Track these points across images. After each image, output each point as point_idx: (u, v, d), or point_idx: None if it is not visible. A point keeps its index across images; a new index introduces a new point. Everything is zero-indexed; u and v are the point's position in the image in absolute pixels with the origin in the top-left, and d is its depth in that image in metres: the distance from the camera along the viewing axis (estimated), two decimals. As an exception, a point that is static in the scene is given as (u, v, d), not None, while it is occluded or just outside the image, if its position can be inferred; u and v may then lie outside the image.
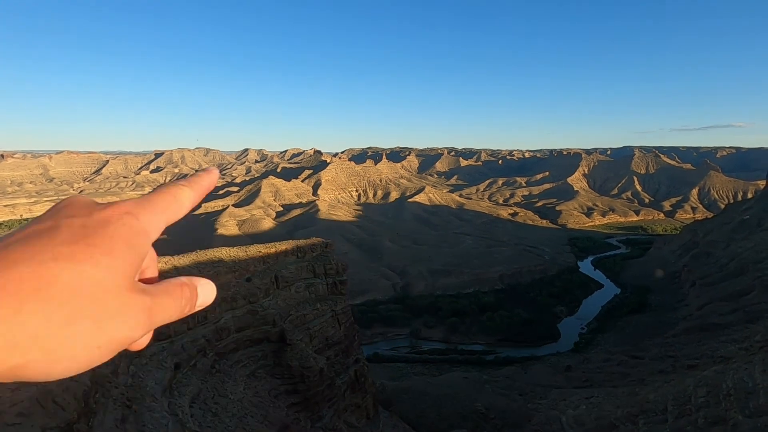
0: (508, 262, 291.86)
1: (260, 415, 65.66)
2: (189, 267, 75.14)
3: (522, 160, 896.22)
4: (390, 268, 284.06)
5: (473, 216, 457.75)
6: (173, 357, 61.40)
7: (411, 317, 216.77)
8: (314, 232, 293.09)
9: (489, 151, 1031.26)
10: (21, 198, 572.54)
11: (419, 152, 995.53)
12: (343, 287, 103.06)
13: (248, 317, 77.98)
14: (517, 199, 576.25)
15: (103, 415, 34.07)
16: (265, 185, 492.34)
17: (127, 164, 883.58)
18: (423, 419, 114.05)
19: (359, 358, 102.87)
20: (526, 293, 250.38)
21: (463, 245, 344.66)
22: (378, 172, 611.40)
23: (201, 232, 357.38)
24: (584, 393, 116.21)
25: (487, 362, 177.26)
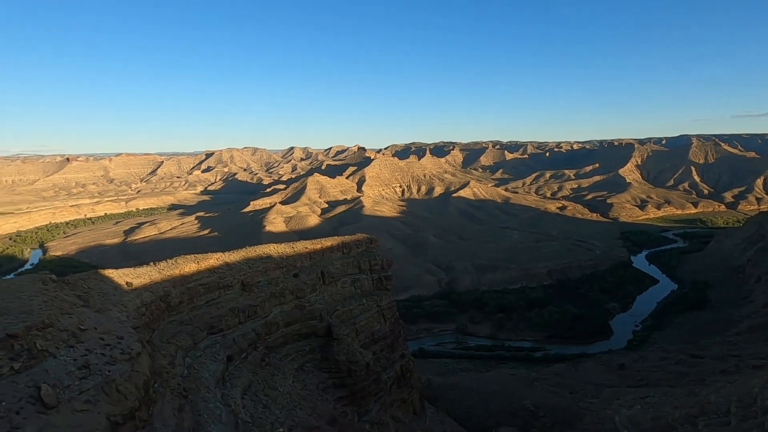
0: (556, 257, 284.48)
1: (309, 407, 67.04)
2: (239, 263, 77.49)
3: (570, 152, 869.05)
4: (435, 264, 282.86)
5: (520, 210, 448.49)
6: (226, 350, 63.55)
7: (456, 313, 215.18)
8: (359, 228, 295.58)
9: (535, 144, 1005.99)
10: (85, 198, 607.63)
11: (463, 146, 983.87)
12: (389, 283, 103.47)
13: (296, 312, 79.64)
14: (566, 193, 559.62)
15: (162, 403, 35.75)
16: (311, 182, 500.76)
17: (180, 165, 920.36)
18: (470, 415, 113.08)
19: (405, 353, 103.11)
20: (576, 289, 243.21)
21: (509, 240, 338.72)
22: (422, 167, 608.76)
23: (250, 229, 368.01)
24: (639, 392, 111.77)
25: (536, 359, 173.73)
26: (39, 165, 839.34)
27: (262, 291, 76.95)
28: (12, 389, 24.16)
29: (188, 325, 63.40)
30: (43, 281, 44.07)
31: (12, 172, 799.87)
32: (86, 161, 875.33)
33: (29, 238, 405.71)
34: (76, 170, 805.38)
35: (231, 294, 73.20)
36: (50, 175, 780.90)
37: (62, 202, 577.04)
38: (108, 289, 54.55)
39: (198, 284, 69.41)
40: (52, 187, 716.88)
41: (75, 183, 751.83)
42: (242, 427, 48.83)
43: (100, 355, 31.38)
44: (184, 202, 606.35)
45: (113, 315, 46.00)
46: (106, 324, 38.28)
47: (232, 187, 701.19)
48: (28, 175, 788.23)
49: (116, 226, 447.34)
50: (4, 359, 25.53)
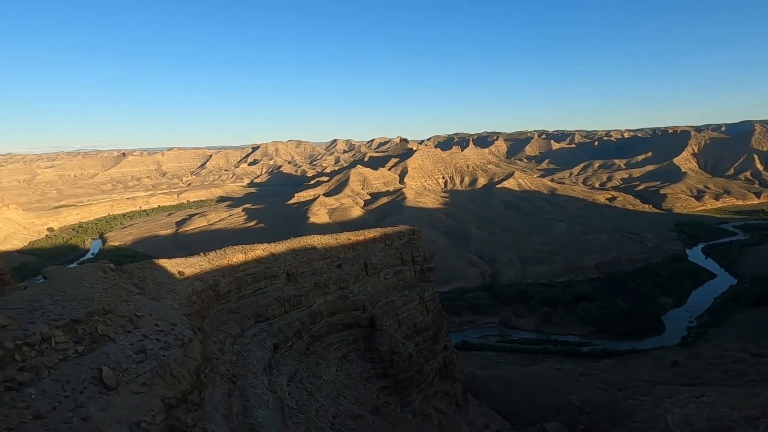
0: (605, 250, 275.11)
1: (352, 396, 68.10)
2: (284, 254, 79.27)
3: (621, 141, 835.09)
4: (478, 256, 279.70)
5: (566, 201, 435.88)
6: (272, 338, 65.36)
7: (500, 306, 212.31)
8: (401, 219, 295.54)
9: (583, 133, 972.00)
10: (140, 191, 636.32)
11: (507, 136, 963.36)
12: (431, 274, 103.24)
13: (339, 302, 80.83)
14: (616, 183, 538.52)
15: (212, 388, 37.24)
16: (354, 174, 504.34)
17: (227, 158, 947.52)
18: (514, 409, 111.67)
19: (447, 345, 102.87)
20: (626, 283, 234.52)
21: (555, 232, 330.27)
22: (465, 158, 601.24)
23: (294, 220, 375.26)
24: (694, 391, 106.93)
25: (583, 354, 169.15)
26: (98, 160, 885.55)
27: (306, 281, 78.50)
28: (77, 371, 25.76)
29: (236, 314, 65.57)
30: (103, 270, 46.63)
31: (74, 166, 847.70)
32: (141, 156, 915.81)
33: (90, 228, 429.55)
34: (131, 164, 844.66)
35: (277, 284, 75.08)
36: (108, 169, 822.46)
37: (119, 194, 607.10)
38: (162, 278, 57.12)
39: (245, 274, 71.57)
40: (110, 180, 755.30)
41: (131, 176, 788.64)
42: (288, 413, 50.19)
43: (155, 340, 32.94)
44: (231, 194, 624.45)
45: (167, 302, 48.14)
46: (160, 311, 40.12)
47: (278, 180, 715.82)
48: (89, 169, 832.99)
49: (168, 218, 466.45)
50: (69, 342, 27.23)
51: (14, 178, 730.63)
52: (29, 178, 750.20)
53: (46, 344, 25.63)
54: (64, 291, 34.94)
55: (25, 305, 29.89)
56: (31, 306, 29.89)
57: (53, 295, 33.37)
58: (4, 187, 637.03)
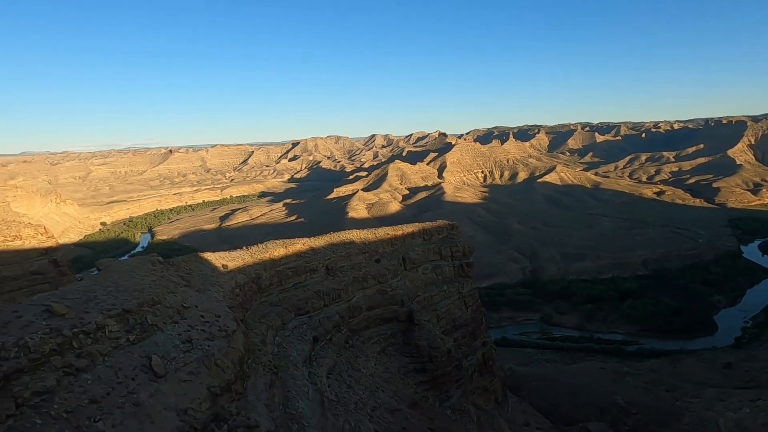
0: (652, 246, 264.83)
1: (391, 390, 68.46)
2: (324, 248, 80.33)
3: (669, 133, 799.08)
4: (518, 251, 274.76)
5: (611, 196, 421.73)
6: (312, 331, 66.46)
7: (541, 302, 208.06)
8: (440, 214, 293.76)
9: (630, 124, 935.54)
10: (185, 187, 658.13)
11: (549, 129, 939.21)
12: (470, 270, 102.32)
13: (378, 296, 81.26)
14: (664, 176, 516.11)
15: (255, 378, 38.24)
16: (392, 169, 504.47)
17: (269, 154, 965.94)
18: (555, 408, 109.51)
19: (487, 341, 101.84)
20: (675, 280, 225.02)
21: (599, 227, 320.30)
22: (505, 152, 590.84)
23: (333, 215, 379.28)
24: (748, 395, 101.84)
25: (628, 353, 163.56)
26: (146, 157, 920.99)
27: (345, 275, 79.31)
28: (128, 358, 27.01)
29: (277, 306, 67.00)
30: (152, 262, 48.59)
31: (125, 163, 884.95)
32: (186, 153, 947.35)
33: (139, 223, 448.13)
34: (177, 161, 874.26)
35: (316, 278, 76.21)
36: (156, 165, 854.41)
37: (166, 190, 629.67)
38: (207, 271, 59.00)
39: (286, 268, 72.99)
40: (158, 176, 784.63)
41: (177, 173, 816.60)
42: (327, 405, 50.98)
43: (200, 331, 34.11)
44: (272, 189, 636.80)
45: (211, 294, 49.70)
46: (205, 303, 41.48)
47: (317, 175, 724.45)
48: (138, 166, 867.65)
49: (212, 213, 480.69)
50: (121, 331, 28.56)
51: (70, 175, 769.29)
52: (84, 175, 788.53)
53: (100, 332, 26.97)
54: (116, 282, 36.66)
55: (81, 295, 31.54)
56: (87, 296, 31.51)
57: (106, 286, 35.06)
58: (61, 183, 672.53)
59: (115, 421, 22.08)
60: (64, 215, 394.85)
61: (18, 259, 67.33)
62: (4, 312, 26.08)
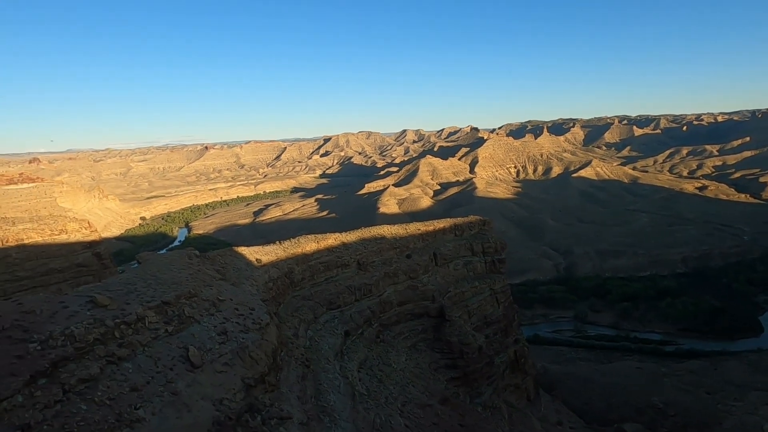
0: (693, 243, 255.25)
1: (421, 385, 68.49)
2: (355, 243, 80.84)
3: (713, 125, 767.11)
4: (552, 248, 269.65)
5: (649, 191, 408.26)
6: (343, 325, 67.11)
7: (575, 300, 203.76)
8: (471, 210, 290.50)
9: (670, 117, 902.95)
10: (220, 183, 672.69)
11: (585, 123, 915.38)
12: (502, 266, 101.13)
13: (409, 292, 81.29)
14: (707, 171, 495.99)
15: (287, 371, 38.94)
16: (423, 164, 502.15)
17: (301, 150, 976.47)
18: (589, 407, 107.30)
19: (519, 338, 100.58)
20: (717, 279, 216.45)
21: (636, 223, 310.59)
22: (538, 146, 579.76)
23: (365, 210, 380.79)
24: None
25: (666, 354, 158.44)
26: (183, 153, 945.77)
27: (376, 270, 79.63)
28: (167, 349, 27.93)
29: (309, 301, 67.91)
30: (189, 256, 49.99)
31: (163, 160, 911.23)
32: (221, 149, 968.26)
33: (177, 218, 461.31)
34: (213, 157, 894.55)
35: (348, 272, 76.80)
36: (192, 162, 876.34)
37: (202, 186, 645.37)
38: (241, 265, 60.28)
39: (318, 262, 73.83)
40: (194, 172, 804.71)
41: (212, 169, 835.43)
42: (358, 399, 51.41)
43: (235, 323, 34.94)
44: (304, 185, 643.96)
45: (246, 288, 50.79)
46: (239, 296, 42.43)
47: (348, 170, 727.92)
48: (175, 162, 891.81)
49: (247, 208, 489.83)
50: (160, 323, 29.54)
51: (112, 172, 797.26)
52: (125, 171, 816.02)
53: (140, 323, 27.97)
54: (155, 275, 37.91)
55: (122, 287, 32.76)
56: (128, 288, 32.71)
57: (146, 278, 36.30)
58: (104, 179, 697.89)
59: (154, 408, 22.90)
60: (106, 210, 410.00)
61: (64, 251, 70.50)
62: (52, 302, 27.35)
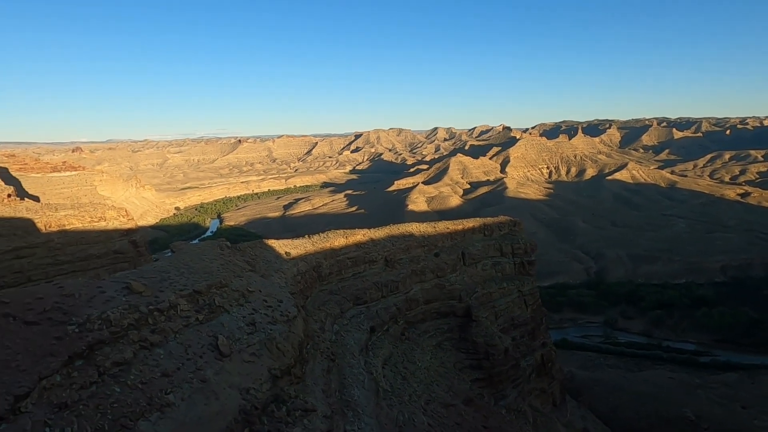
0: (734, 251, 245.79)
1: (445, 384, 68.14)
2: (383, 240, 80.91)
3: (759, 129, 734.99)
4: (583, 251, 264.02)
5: (688, 196, 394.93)
6: (369, 321, 67.29)
7: (606, 305, 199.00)
8: (501, 210, 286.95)
9: (712, 120, 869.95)
10: (252, 176, 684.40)
11: (622, 124, 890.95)
12: (531, 268, 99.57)
13: (435, 290, 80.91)
14: (750, 177, 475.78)
15: (313, 364, 39.30)
16: (453, 163, 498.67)
17: (332, 145, 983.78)
18: (617, 415, 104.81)
19: (546, 342, 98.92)
20: (757, 289, 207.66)
21: (673, 229, 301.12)
22: (572, 147, 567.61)
23: (393, 207, 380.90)
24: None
25: (700, 364, 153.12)
26: (217, 146, 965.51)
27: (404, 268, 79.53)
28: (197, 337, 28.54)
29: (336, 295, 68.36)
30: (221, 247, 50.96)
31: (197, 152, 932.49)
32: (254, 143, 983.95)
33: (210, 209, 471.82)
34: (246, 151, 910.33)
35: (375, 269, 76.96)
36: (226, 155, 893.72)
37: (235, 178, 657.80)
38: (270, 257, 61.12)
39: (346, 257, 74.21)
40: (227, 165, 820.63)
41: (245, 162, 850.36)
42: (382, 395, 51.50)
43: (263, 314, 35.44)
44: (334, 180, 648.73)
45: (274, 280, 51.46)
46: (268, 288, 43.01)
47: (378, 167, 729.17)
48: (209, 155, 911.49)
49: (277, 201, 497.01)
50: (191, 311, 30.20)
51: (149, 162, 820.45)
52: (161, 162, 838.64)
53: (173, 311, 28.67)
54: (188, 264, 38.77)
55: (156, 275, 33.63)
56: (161, 276, 33.56)
57: (179, 267, 37.17)
58: (141, 169, 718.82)
59: (183, 394, 23.44)
60: (142, 199, 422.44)
61: (102, 238, 72.90)
62: (90, 287, 28.29)
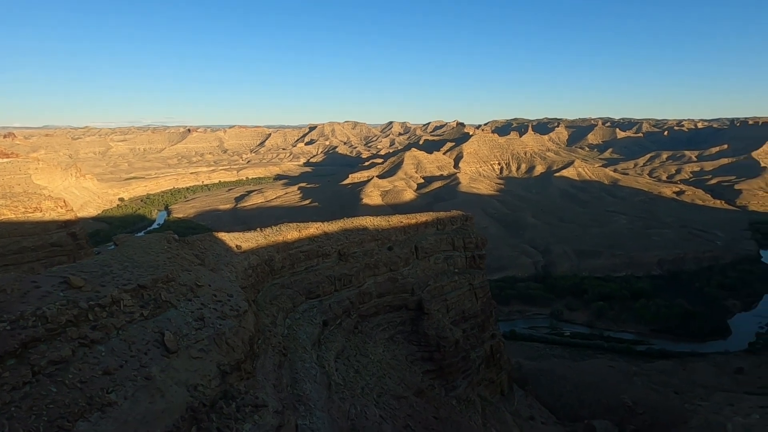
0: (669, 246, 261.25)
1: (397, 377, 68.92)
2: (337, 233, 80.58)
3: (693, 132, 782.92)
4: (531, 246, 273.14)
5: (629, 193, 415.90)
6: (322, 315, 67.01)
7: (552, 297, 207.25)
8: (454, 204, 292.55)
9: (652, 122, 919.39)
10: (202, 167, 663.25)
11: (569, 123, 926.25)
12: (482, 261, 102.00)
13: (388, 284, 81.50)
14: (685, 176, 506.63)
15: (264, 359, 38.71)
16: (408, 157, 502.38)
17: (285, 137, 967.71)
18: (561, 403, 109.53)
19: (495, 333, 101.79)
20: (690, 282, 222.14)
21: (615, 225, 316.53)
22: (522, 144, 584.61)
23: (347, 200, 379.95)
24: (759, 401, 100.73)
25: (638, 353, 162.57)
26: (165, 135, 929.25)
27: (357, 261, 79.58)
28: (142, 333, 27.48)
29: (289, 289, 67.58)
30: (168, 240, 49.16)
31: (144, 141, 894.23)
32: (204, 132, 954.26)
33: (156, 200, 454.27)
34: (195, 140, 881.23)
35: (328, 262, 76.59)
36: (174, 144, 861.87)
37: (184, 169, 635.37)
38: (220, 251, 59.58)
39: (299, 251, 73.43)
40: (176, 155, 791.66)
41: (194, 152, 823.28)
42: (334, 389, 51.51)
43: (213, 309, 34.54)
44: (288, 172, 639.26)
45: (224, 274, 50.25)
46: (218, 282, 41.95)
47: (333, 160, 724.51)
48: (157, 144, 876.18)
49: (228, 193, 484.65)
50: (135, 306, 29.03)
51: (90, 150, 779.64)
52: (104, 150, 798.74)
53: (115, 306, 27.45)
54: (132, 258, 37.21)
55: (98, 269, 32.09)
56: (103, 270, 32.05)
57: (122, 261, 35.62)
58: (81, 158, 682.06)
59: (126, 393, 22.54)
60: (83, 189, 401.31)
61: (38, 230, 68.80)
62: (24, 282, 26.65)
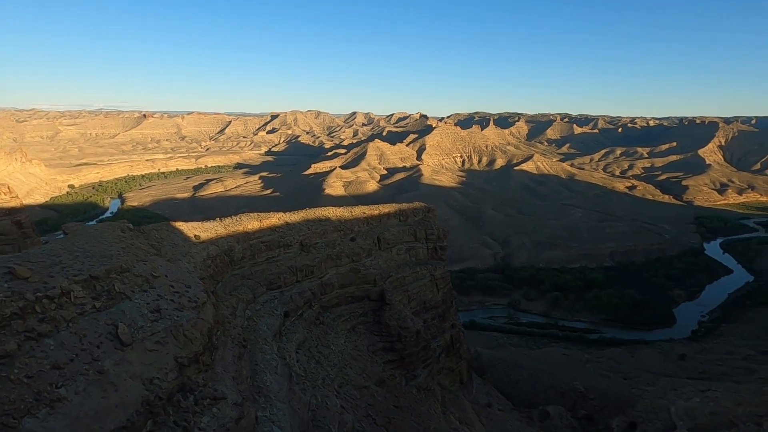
0: (621, 239, 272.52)
1: (358, 367, 69.20)
2: (299, 224, 79.75)
3: (645, 129, 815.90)
4: (491, 237, 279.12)
5: (585, 187, 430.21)
6: (283, 306, 66.34)
7: (510, 288, 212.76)
8: (417, 196, 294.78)
9: (607, 118, 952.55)
10: (159, 153, 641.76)
11: (529, 118, 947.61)
12: (443, 253, 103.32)
13: (351, 275, 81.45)
14: (637, 171, 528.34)
15: (223, 350, 38.01)
16: (371, 148, 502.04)
17: (246, 125, 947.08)
18: (517, 391, 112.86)
19: (455, 323, 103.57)
20: (640, 273, 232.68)
21: (571, 218, 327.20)
22: (484, 138, 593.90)
23: (310, 191, 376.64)
24: (699, 385, 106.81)
25: (590, 341, 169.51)
26: (119, 120, 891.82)
27: (319, 252, 79.09)
28: (94, 325, 26.41)
29: (249, 280, 66.50)
30: (122, 229, 47.35)
31: (96, 125, 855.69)
32: (161, 118, 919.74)
33: (109, 188, 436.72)
34: (152, 126, 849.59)
35: (290, 253, 75.76)
36: (129, 129, 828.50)
37: (139, 156, 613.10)
38: (178, 241, 57.90)
39: (260, 241, 72.27)
40: (131, 141, 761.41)
41: (150, 138, 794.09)
42: (295, 380, 51.23)
43: (169, 301, 33.57)
44: (249, 161, 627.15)
45: (182, 265, 48.93)
46: (175, 273, 40.79)
47: (295, 149, 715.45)
48: (110, 129, 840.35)
49: (186, 182, 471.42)
50: (87, 298, 27.85)
51: (37, 134, 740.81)
52: (52, 134, 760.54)
53: (65, 298, 26.24)
54: (83, 248, 35.64)
55: (46, 259, 30.56)
56: (52, 260, 30.55)
57: (73, 251, 34.05)
58: (27, 142, 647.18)
59: (77, 387, 21.67)
60: (29, 175, 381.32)
61: (-21, 218, 65.00)
62: (-37, 272, 25.10)
